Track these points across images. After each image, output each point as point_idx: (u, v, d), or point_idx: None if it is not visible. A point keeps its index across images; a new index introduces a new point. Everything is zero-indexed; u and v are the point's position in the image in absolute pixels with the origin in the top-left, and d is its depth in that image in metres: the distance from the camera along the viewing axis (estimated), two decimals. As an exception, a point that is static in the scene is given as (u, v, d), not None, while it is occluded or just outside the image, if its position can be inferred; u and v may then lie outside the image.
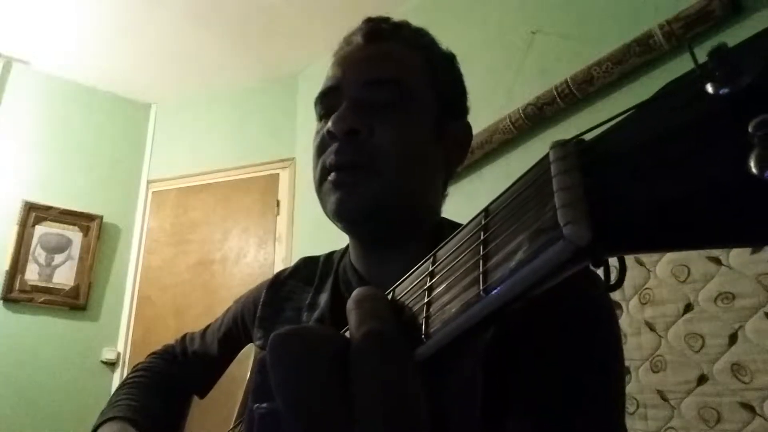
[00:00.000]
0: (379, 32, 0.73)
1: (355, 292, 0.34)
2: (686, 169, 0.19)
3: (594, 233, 0.21)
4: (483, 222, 0.28)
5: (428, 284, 0.30)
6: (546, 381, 0.52)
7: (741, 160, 0.17)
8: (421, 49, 0.73)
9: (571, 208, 0.21)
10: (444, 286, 0.29)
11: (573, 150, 0.23)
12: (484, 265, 0.26)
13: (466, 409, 0.42)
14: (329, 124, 0.65)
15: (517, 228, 0.24)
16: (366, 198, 0.63)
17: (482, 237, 0.27)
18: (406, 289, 0.33)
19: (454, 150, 0.74)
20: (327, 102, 0.70)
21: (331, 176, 0.65)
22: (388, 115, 0.65)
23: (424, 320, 0.29)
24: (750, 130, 0.17)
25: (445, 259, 0.31)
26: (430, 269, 0.31)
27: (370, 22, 0.74)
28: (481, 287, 0.25)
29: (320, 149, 0.68)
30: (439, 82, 0.71)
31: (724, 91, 0.18)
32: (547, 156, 0.24)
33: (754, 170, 0.17)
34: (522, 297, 0.24)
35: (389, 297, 0.35)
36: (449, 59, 0.77)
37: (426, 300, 0.30)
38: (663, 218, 0.19)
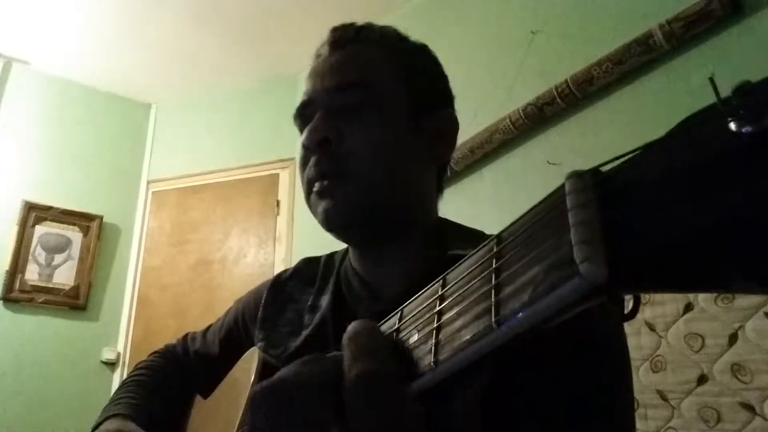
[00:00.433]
0: (343, 39, 0.73)
1: (350, 326, 0.34)
2: (706, 207, 0.18)
3: (610, 271, 0.20)
4: (495, 249, 0.27)
5: (438, 308, 0.30)
6: (553, 402, 0.52)
7: (763, 201, 0.17)
8: (386, 46, 0.73)
9: (587, 245, 0.21)
10: (454, 312, 0.29)
11: (590, 182, 0.23)
12: (496, 294, 0.25)
13: None
14: (302, 137, 0.68)
15: (531, 259, 0.24)
16: (346, 203, 0.65)
17: (494, 265, 0.27)
18: (414, 310, 0.33)
19: (438, 141, 0.73)
20: (303, 117, 0.72)
21: (315, 187, 0.67)
22: (356, 117, 0.66)
23: (433, 346, 0.29)
24: None
25: (455, 283, 0.30)
26: (440, 292, 0.31)
27: (335, 31, 0.75)
28: (493, 318, 0.25)
29: (302, 164, 0.70)
30: (409, 75, 0.71)
31: (747, 129, 0.18)
32: (562, 186, 0.24)
33: None
34: (535, 330, 0.24)
35: (397, 317, 0.35)
36: (420, 51, 0.77)
37: (436, 324, 0.30)
38: (681, 257, 0.19)
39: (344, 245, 0.81)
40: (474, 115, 2.19)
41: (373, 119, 0.67)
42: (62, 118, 3.44)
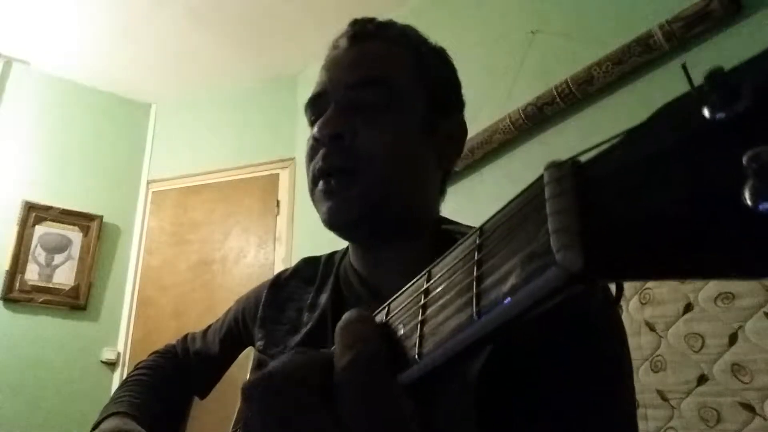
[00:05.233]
0: (364, 33, 0.72)
1: (345, 315, 0.34)
2: (681, 195, 0.18)
3: (587, 259, 0.20)
4: (477, 241, 0.27)
5: (422, 302, 0.30)
6: (555, 393, 0.52)
7: (736, 189, 0.17)
8: (407, 46, 0.72)
9: (563, 233, 0.21)
10: (438, 305, 0.29)
11: (568, 171, 0.23)
12: (477, 286, 0.25)
13: (460, 427, 0.42)
14: (314, 129, 0.66)
15: (512, 250, 0.24)
16: (354, 204, 0.64)
17: (476, 257, 0.27)
18: (401, 305, 0.33)
19: (447, 147, 0.73)
20: (316, 108, 0.71)
21: (320, 184, 0.66)
22: (373, 116, 0.65)
23: (417, 339, 0.28)
24: (744, 162, 0.17)
25: (439, 276, 0.30)
26: (425, 286, 0.31)
27: (355, 24, 0.74)
28: (474, 310, 0.25)
29: (310, 155, 0.69)
30: (428, 78, 0.71)
31: (720, 115, 0.18)
32: (541, 177, 0.24)
33: (748, 202, 0.17)
34: (515, 321, 0.24)
35: (385, 311, 0.35)
36: (439, 54, 0.76)
37: (420, 318, 0.30)
38: (658, 245, 0.19)
39: (344, 244, 0.81)
40: (474, 115, 2.19)
41: (389, 120, 0.66)
42: (62, 118, 3.45)
